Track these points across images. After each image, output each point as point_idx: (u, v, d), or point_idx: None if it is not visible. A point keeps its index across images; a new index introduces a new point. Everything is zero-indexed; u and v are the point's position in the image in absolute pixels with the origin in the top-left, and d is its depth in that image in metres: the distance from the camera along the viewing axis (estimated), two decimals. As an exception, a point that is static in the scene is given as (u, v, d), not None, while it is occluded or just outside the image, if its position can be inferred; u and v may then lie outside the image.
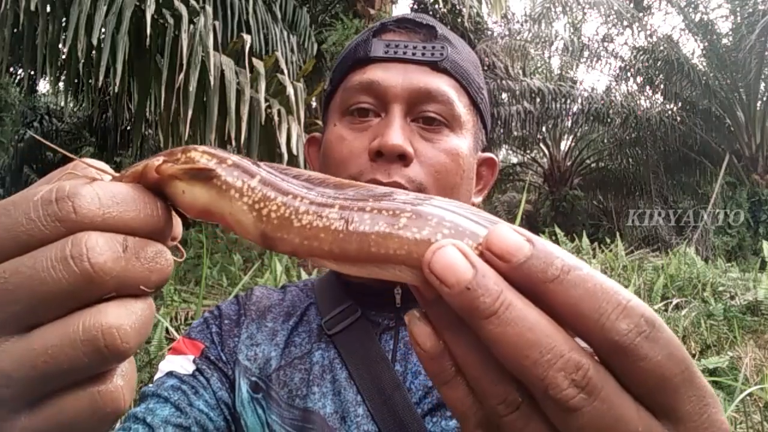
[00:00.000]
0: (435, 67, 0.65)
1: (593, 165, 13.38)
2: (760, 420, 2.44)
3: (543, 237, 0.25)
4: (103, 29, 3.15)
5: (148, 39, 3.19)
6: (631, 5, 11.48)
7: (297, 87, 3.53)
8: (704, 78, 10.36)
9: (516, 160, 15.50)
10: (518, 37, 10.59)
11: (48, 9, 3.32)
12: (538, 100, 10.26)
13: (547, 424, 0.24)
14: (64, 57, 3.76)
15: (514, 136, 12.53)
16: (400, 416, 0.59)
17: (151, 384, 0.63)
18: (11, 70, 8.26)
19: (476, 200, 0.74)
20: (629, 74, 11.51)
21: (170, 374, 0.63)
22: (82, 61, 3.21)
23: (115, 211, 0.27)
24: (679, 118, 11.09)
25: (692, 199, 11.55)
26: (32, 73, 7.12)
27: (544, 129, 12.45)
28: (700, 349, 3.83)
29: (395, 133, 0.61)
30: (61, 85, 4.79)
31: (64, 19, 3.36)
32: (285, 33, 5.35)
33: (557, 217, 11.73)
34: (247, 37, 3.52)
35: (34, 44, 3.51)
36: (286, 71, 3.66)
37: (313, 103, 6.35)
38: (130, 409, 0.43)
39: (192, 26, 3.25)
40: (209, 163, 0.30)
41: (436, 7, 7.97)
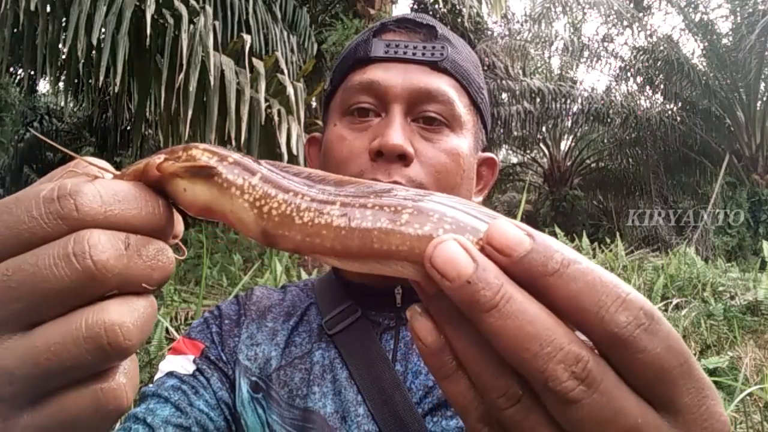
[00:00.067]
0: (435, 67, 0.65)
1: (593, 165, 13.38)
2: (760, 420, 2.44)
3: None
4: (103, 29, 3.14)
5: (148, 39, 3.19)
6: (631, 5, 11.47)
7: (297, 87, 3.53)
8: (704, 78, 10.36)
9: (516, 160, 15.50)
10: (518, 37, 10.59)
11: (48, 9, 3.32)
12: (538, 100, 10.25)
13: (548, 417, 0.24)
14: (64, 57, 3.76)
15: (514, 136, 12.53)
16: (400, 416, 0.59)
17: (151, 384, 0.63)
18: (11, 70, 8.26)
19: (476, 200, 0.74)
20: (629, 74, 11.50)
21: (170, 374, 0.63)
22: (82, 61, 3.21)
23: (117, 209, 0.27)
24: (679, 118, 11.08)
25: (692, 199, 11.54)
26: (32, 73, 7.12)
27: (544, 129, 12.45)
28: (700, 349, 3.83)
29: (395, 133, 0.61)
30: (61, 85, 4.79)
31: (64, 19, 3.36)
32: (285, 33, 5.35)
33: (557, 217, 11.72)
34: (247, 37, 3.52)
35: (34, 44, 3.51)
36: (286, 71, 3.65)
37: (313, 103, 6.35)
38: (130, 408, 0.43)
39: (192, 26, 3.25)
40: (210, 161, 0.30)
41: (436, 7, 7.96)
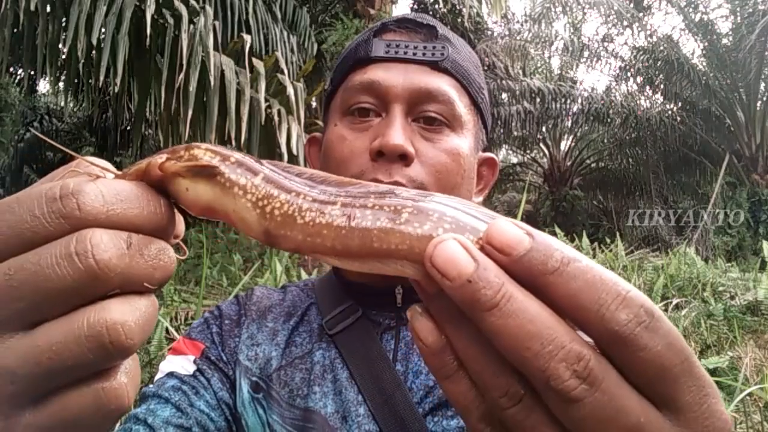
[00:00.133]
0: (436, 66, 0.65)
1: (593, 165, 13.38)
2: (760, 420, 2.44)
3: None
4: (103, 29, 3.14)
5: (148, 39, 3.19)
6: (631, 5, 11.48)
7: (297, 87, 3.53)
8: (704, 78, 10.36)
9: (516, 160, 15.49)
10: (518, 37, 10.59)
11: (48, 9, 3.32)
12: (538, 100, 10.25)
13: (549, 416, 0.24)
14: (64, 57, 3.76)
15: (514, 136, 12.52)
16: (401, 416, 0.58)
17: (151, 384, 0.63)
18: (11, 70, 8.25)
19: (477, 200, 0.74)
20: (629, 74, 11.50)
21: (171, 375, 0.63)
22: (82, 61, 3.21)
23: (119, 209, 0.27)
24: (679, 118, 11.08)
25: (692, 199, 11.54)
26: (32, 73, 7.12)
27: (544, 129, 12.44)
28: (700, 349, 3.83)
29: (396, 133, 0.61)
30: (61, 85, 4.79)
31: (64, 19, 3.36)
32: (285, 33, 5.35)
33: (557, 217, 11.72)
34: (247, 37, 3.52)
35: (34, 44, 3.51)
36: (286, 71, 3.65)
37: (313, 103, 6.35)
38: (131, 408, 0.43)
39: (192, 26, 3.24)
40: (212, 161, 0.30)
41: (436, 7, 7.96)
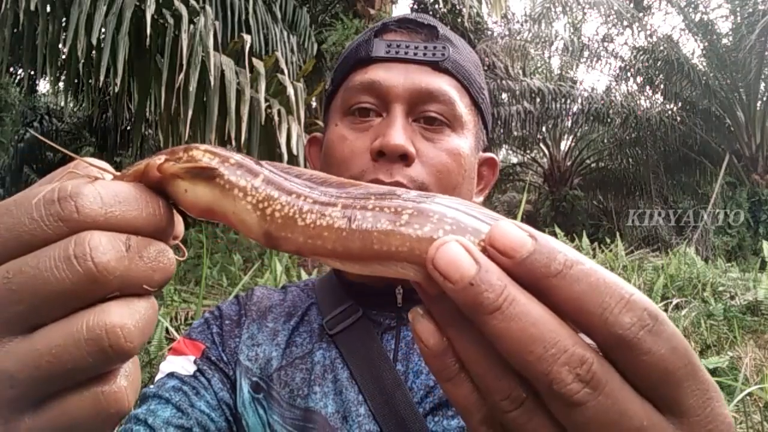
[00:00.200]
0: (436, 67, 0.65)
1: (593, 165, 13.37)
2: (760, 420, 2.44)
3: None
4: (103, 29, 3.14)
5: (148, 39, 3.19)
6: (631, 5, 11.47)
7: (297, 87, 3.53)
8: (704, 78, 10.36)
9: (516, 160, 15.49)
10: (518, 37, 10.59)
11: (48, 9, 3.32)
12: (538, 100, 10.24)
13: (552, 420, 0.24)
14: (64, 57, 3.76)
15: (514, 136, 12.52)
16: (401, 416, 0.58)
17: (151, 385, 0.63)
18: (11, 70, 8.25)
19: (477, 200, 0.74)
20: (629, 74, 11.50)
21: (171, 375, 0.63)
22: (82, 61, 3.21)
23: (118, 210, 0.26)
24: (679, 118, 11.08)
25: (692, 199, 11.53)
26: (32, 73, 7.13)
27: (544, 129, 12.44)
28: (700, 349, 3.83)
29: (397, 133, 0.61)
30: (61, 85, 4.79)
31: (64, 19, 3.36)
32: (285, 33, 5.35)
33: (557, 217, 11.72)
34: (247, 37, 3.51)
35: (34, 44, 3.51)
36: (286, 71, 3.65)
37: (313, 103, 6.35)
38: (131, 411, 0.43)
39: (192, 26, 3.24)
40: (212, 162, 0.29)
41: (436, 7, 7.96)
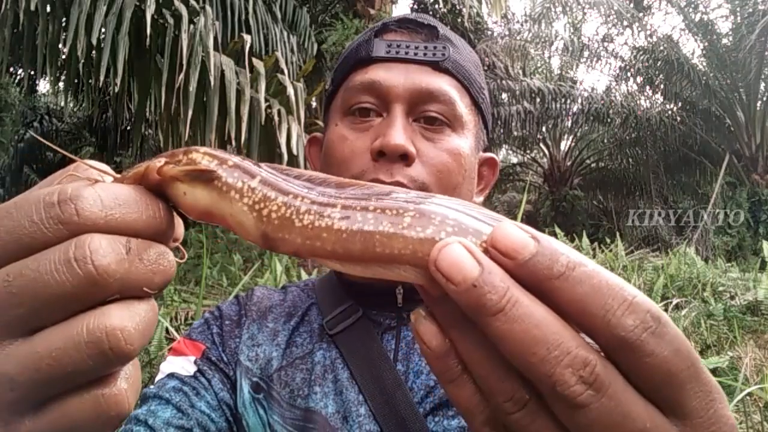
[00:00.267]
0: (436, 67, 0.65)
1: (593, 165, 13.37)
2: (760, 420, 2.44)
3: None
4: (103, 29, 3.14)
5: (148, 39, 3.19)
6: (631, 5, 11.47)
7: (297, 87, 3.52)
8: (704, 78, 10.36)
9: (516, 160, 15.49)
10: (518, 37, 10.59)
11: (48, 9, 3.32)
12: (538, 100, 10.24)
13: (555, 422, 0.24)
14: (64, 57, 3.76)
15: (514, 136, 12.52)
16: (401, 416, 0.58)
17: (152, 385, 0.63)
18: (11, 70, 8.25)
19: (477, 200, 0.74)
20: (629, 74, 11.50)
21: (171, 375, 0.63)
22: (82, 61, 3.21)
23: (118, 213, 0.26)
24: (679, 118, 11.08)
25: (692, 199, 11.53)
26: (32, 73, 7.12)
27: (544, 129, 12.44)
28: (700, 349, 3.83)
29: (397, 133, 0.61)
30: (61, 85, 4.78)
31: (64, 19, 3.36)
32: (285, 33, 5.35)
33: (557, 217, 11.72)
34: (247, 37, 3.51)
35: (34, 44, 3.51)
36: (286, 71, 3.65)
37: (313, 103, 6.35)
38: (131, 413, 0.43)
39: (192, 26, 3.24)
40: (210, 165, 0.29)
41: (437, 7, 7.96)
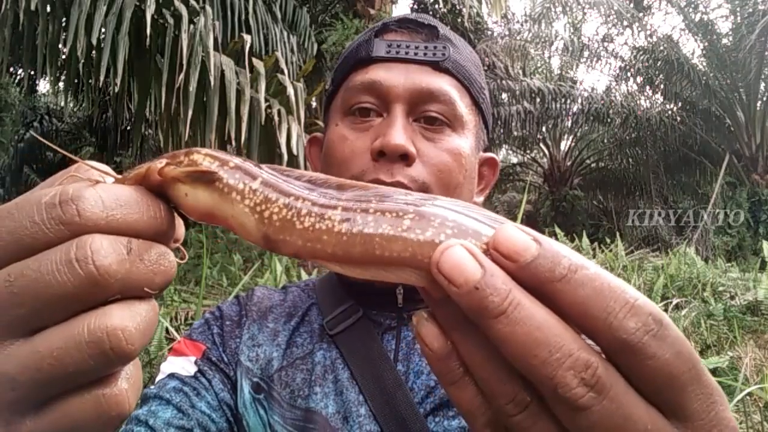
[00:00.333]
0: (437, 67, 0.65)
1: (593, 165, 13.37)
2: (760, 420, 2.44)
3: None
4: (103, 29, 3.14)
5: (148, 39, 3.18)
6: (631, 5, 11.47)
7: (297, 87, 3.52)
8: (704, 78, 10.36)
9: (516, 160, 15.49)
10: (518, 37, 10.59)
11: (48, 9, 3.32)
12: (538, 100, 10.24)
13: (556, 424, 0.24)
14: (64, 57, 3.76)
15: (514, 136, 12.52)
16: (402, 416, 0.58)
17: (152, 385, 0.63)
18: (11, 70, 8.25)
19: (478, 200, 0.74)
20: (629, 74, 11.50)
21: (172, 376, 0.63)
22: (82, 61, 3.21)
23: (119, 214, 0.26)
24: (679, 118, 11.08)
25: (692, 199, 11.53)
26: (32, 73, 7.12)
27: (544, 129, 12.44)
28: (700, 349, 3.83)
29: (397, 133, 0.61)
30: (61, 85, 4.78)
31: (64, 19, 3.36)
32: (285, 33, 5.35)
33: (557, 217, 11.72)
34: (247, 37, 3.51)
35: (34, 44, 3.51)
36: (286, 71, 3.65)
37: (313, 103, 6.35)
38: (132, 413, 0.43)
39: (192, 26, 3.24)
40: (212, 166, 0.29)
41: (437, 7, 7.96)
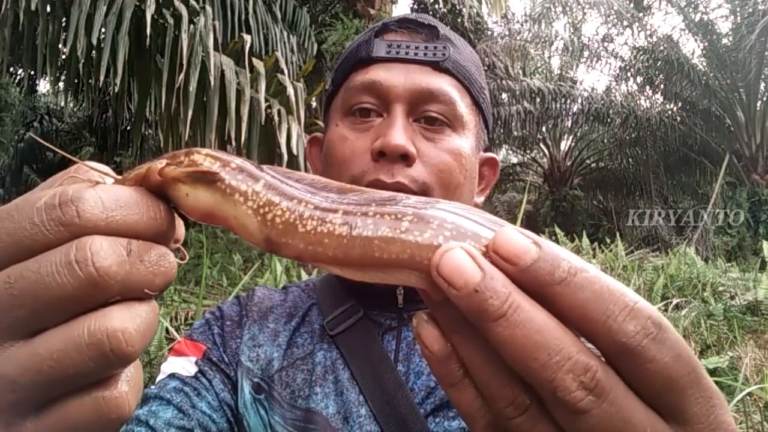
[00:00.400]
0: (437, 67, 0.65)
1: (593, 165, 13.38)
2: (760, 420, 2.44)
3: (543, 237, 0.25)
4: (103, 29, 3.14)
5: (148, 39, 3.19)
6: (631, 5, 11.48)
7: (297, 87, 3.52)
8: (704, 78, 10.36)
9: (516, 160, 15.49)
10: (518, 37, 10.60)
11: (48, 9, 3.32)
12: (538, 100, 10.25)
13: (556, 427, 0.24)
14: (64, 57, 3.76)
15: (514, 136, 12.52)
16: (402, 416, 0.58)
17: (153, 386, 0.63)
18: (11, 70, 8.25)
19: (478, 200, 0.74)
20: (629, 74, 11.51)
21: (172, 376, 0.63)
22: (82, 61, 3.21)
23: (119, 215, 0.26)
24: (679, 118, 11.09)
25: (692, 199, 11.53)
26: (32, 73, 7.12)
27: (544, 129, 12.44)
28: (700, 349, 3.83)
29: (398, 133, 0.61)
30: (61, 85, 4.78)
31: (64, 19, 3.36)
32: (285, 33, 5.35)
33: (557, 217, 11.72)
34: (247, 37, 3.52)
35: (34, 44, 3.51)
36: (286, 71, 3.65)
37: (313, 103, 6.35)
38: (132, 416, 0.43)
39: (192, 26, 3.25)
40: (213, 167, 0.29)
41: (437, 7, 7.96)
